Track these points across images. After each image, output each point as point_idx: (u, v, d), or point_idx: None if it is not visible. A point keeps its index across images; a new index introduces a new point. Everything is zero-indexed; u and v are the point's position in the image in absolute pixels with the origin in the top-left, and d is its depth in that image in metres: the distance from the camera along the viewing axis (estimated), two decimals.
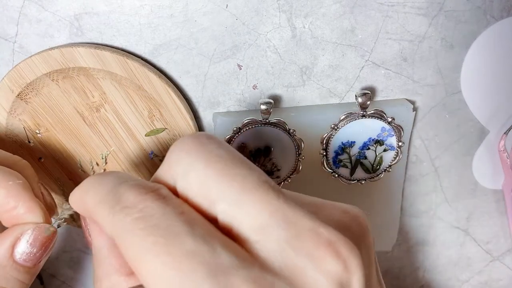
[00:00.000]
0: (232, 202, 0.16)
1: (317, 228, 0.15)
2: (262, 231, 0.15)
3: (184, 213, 0.16)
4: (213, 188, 0.16)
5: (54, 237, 0.23)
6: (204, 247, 0.15)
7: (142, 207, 0.15)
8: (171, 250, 0.14)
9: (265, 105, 0.28)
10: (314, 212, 0.17)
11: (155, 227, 0.15)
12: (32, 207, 0.23)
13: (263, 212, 0.15)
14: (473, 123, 0.32)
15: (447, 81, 0.31)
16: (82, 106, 0.29)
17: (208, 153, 0.16)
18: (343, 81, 0.30)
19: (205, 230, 0.15)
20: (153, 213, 0.15)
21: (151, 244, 0.15)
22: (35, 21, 0.27)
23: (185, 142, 0.17)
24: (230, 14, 0.27)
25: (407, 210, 0.36)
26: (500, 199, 0.36)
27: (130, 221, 0.15)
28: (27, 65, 0.27)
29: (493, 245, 0.38)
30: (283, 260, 0.15)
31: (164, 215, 0.15)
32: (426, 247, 0.37)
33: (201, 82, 0.29)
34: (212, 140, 0.17)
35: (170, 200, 0.16)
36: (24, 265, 0.22)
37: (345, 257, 0.15)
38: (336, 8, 0.27)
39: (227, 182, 0.16)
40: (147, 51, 0.28)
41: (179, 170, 0.17)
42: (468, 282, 0.39)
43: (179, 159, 0.17)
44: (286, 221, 0.15)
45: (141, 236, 0.15)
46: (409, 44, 0.29)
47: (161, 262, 0.14)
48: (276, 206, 0.15)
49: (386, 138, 0.31)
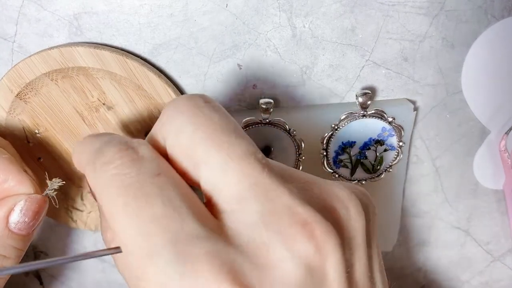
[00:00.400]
0: (215, 169, 0.15)
1: (295, 206, 0.15)
2: (239, 202, 0.15)
3: (160, 174, 0.15)
4: (199, 151, 0.16)
5: (45, 205, 0.24)
6: (172, 213, 0.14)
7: (119, 163, 0.15)
8: (138, 212, 0.14)
9: (265, 105, 0.28)
10: (303, 189, 0.16)
11: (128, 187, 0.15)
12: (22, 179, 0.24)
13: (243, 183, 0.15)
14: (474, 123, 0.32)
15: (448, 81, 0.30)
16: (81, 106, 0.29)
17: (201, 116, 0.16)
18: (344, 80, 0.30)
19: (179, 194, 0.15)
20: (128, 171, 0.15)
21: (122, 204, 0.15)
22: (34, 20, 0.27)
23: (180, 102, 0.17)
24: (230, 13, 0.27)
25: (407, 210, 0.36)
26: (501, 199, 0.35)
27: (107, 177, 0.15)
28: (26, 64, 0.27)
29: (494, 246, 0.38)
30: (252, 235, 0.14)
31: (139, 175, 0.15)
32: (427, 248, 0.37)
33: (201, 81, 0.29)
34: (208, 103, 0.17)
35: (149, 160, 0.16)
36: (18, 234, 0.24)
37: (318, 239, 0.15)
38: (336, 7, 0.27)
39: (214, 147, 0.15)
40: (147, 50, 0.28)
41: (170, 129, 0.17)
42: (469, 283, 0.39)
43: (172, 118, 0.17)
44: (264, 195, 0.15)
45: (114, 195, 0.15)
46: (409, 44, 0.29)
47: (129, 224, 0.14)
48: (257, 179, 0.15)
49: (387, 138, 0.31)
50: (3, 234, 0.23)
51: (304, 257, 0.14)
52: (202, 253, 0.14)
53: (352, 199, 0.17)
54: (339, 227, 0.16)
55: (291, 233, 0.14)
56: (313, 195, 0.16)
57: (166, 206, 0.15)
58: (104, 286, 0.38)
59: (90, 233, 0.35)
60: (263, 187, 0.15)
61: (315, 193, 0.17)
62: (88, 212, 0.32)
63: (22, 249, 0.24)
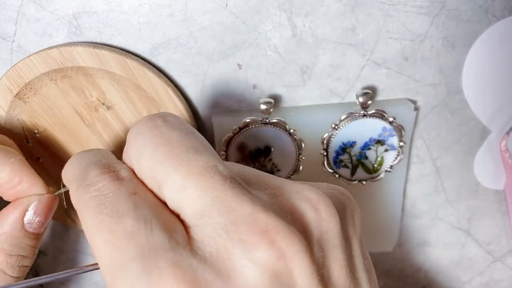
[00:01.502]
0: (176, 188, 0.16)
1: (256, 213, 0.15)
2: (202, 216, 0.15)
3: (136, 193, 0.16)
4: (160, 172, 0.16)
5: (56, 204, 0.26)
6: (142, 228, 0.15)
7: (100, 186, 0.16)
8: (113, 228, 0.15)
9: (265, 105, 0.28)
10: (273, 195, 0.17)
11: (105, 205, 0.16)
12: (35, 181, 0.25)
13: (204, 198, 0.15)
14: (474, 122, 0.32)
15: (448, 81, 0.30)
16: (80, 106, 0.29)
17: (159, 136, 0.17)
18: (344, 80, 0.30)
19: (151, 211, 0.16)
20: (107, 192, 0.16)
21: (99, 221, 0.16)
22: (34, 20, 0.27)
23: (140, 123, 0.18)
24: (230, 13, 0.27)
25: (408, 211, 0.35)
26: (502, 200, 0.35)
27: (87, 198, 0.16)
28: (25, 64, 0.27)
29: (495, 246, 0.37)
30: (216, 246, 0.15)
31: (116, 195, 0.16)
32: (427, 248, 0.37)
33: (201, 81, 0.29)
34: (167, 122, 0.17)
35: (127, 181, 0.17)
36: (33, 233, 0.25)
37: (280, 244, 0.14)
38: (336, 7, 0.27)
39: (173, 166, 0.16)
40: (146, 50, 0.28)
41: (133, 152, 0.17)
42: (470, 283, 0.39)
43: (134, 141, 0.17)
44: (226, 206, 0.15)
45: (92, 212, 0.16)
46: (410, 43, 0.29)
47: (104, 239, 0.15)
48: (219, 191, 0.15)
49: (387, 138, 0.30)
50: (20, 235, 0.24)
51: (267, 264, 0.14)
52: (166, 265, 0.14)
53: (322, 200, 0.17)
54: (306, 230, 0.16)
55: (252, 241, 0.14)
56: (283, 201, 0.16)
57: (138, 222, 0.15)
58: (102, 286, 0.38)
59: None
60: (225, 198, 0.15)
61: (285, 199, 0.17)
62: None
63: (37, 247, 0.25)
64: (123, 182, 0.17)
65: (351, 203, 0.19)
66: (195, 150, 0.16)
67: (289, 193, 0.17)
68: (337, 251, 0.16)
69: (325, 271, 0.16)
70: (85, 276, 0.37)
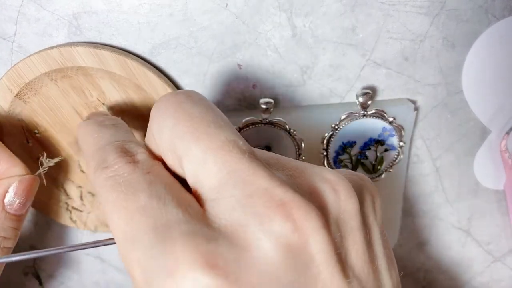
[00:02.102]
0: (195, 161, 0.16)
1: (272, 188, 0.15)
2: (218, 190, 0.15)
3: (150, 172, 0.17)
4: (180, 146, 0.16)
5: (37, 185, 0.26)
6: (155, 203, 0.15)
7: (116, 168, 0.17)
8: (127, 204, 0.16)
9: (265, 105, 0.28)
10: (292, 176, 0.17)
11: (120, 184, 0.16)
12: (14, 162, 0.25)
13: (222, 171, 0.15)
14: (474, 123, 0.32)
15: (448, 81, 0.30)
16: (81, 106, 0.29)
17: (181, 112, 0.17)
18: (344, 80, 0.30)
19: (165, 187, 0.16)
20: (123, 172, 0.17)
21: (114, 198, 0.16)
22: (34, 20, 0.27)
23: (163, 99, 0.18)
24: (230, 13, 0.27)
25: (408, 211, 0.35)
26: (502, 200, 0.35)
27: (104, 178, 0.17)
28: (25, 64, 0.27)
29: (495, 246, 0.37)
30: (230, 218, 0.15)
31: (131, 175, 0.17)
32: (427, 248, 0.37)
33: (201, 81, 0.29)
34: (190, 98, 0.18)
35: (142, 161, 0.17)
36: (15, 214, 0.25)
37: (296, 218, 0.14)
38: (336, 7, 0.27)
39: (193, 141, 0.16)
40: (146, 50, 0.28)
41: (155, 126, 0.18)
42: (470, 283, 0.39)
43: (156, 116, 0.18)
44: (243, 180, 0.15)
45: (109, 191, 0.16)
46: (410, 43, 0.29)
47: (118, 214, 0.16)
48: (237, 165, 0.15)
49: (387, 138, 0.30)
50: (1, 216, 0.24)
51: (282, 237, 0.14)
52: (180, 235, 0.14)
53: (341, 182, 0.16)
54: (324, 209, 0.16)
55: (267, 213, 0.14)
56: (302, 181, 0.16)
57: (152, 198, 0.16)
58: (103, 286, 0.38)
59: (90, 233, 0.35)
60: (242, 172, 0.15)
61: (304, 179, 0.17)
62: (87, 212, 0.32)
63: (19, 229, 0.26)
64: (139, 164, 0.17)
65: (372, 188, 0.18)
66: (216, 125, 0.16)
67: (309, 174, 0.17)
68: (356, 233, 0.16)
69: (342, 251, 0.16)
70: (86, 274, 0.37)
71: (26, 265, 0.37)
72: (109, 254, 0.36)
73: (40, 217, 0.34)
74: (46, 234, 0.35)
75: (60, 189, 0.32)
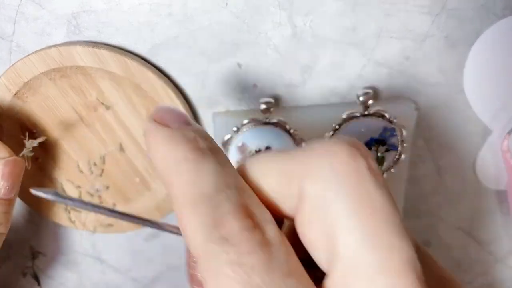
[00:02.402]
0: (362, 277, 0.12)
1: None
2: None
3: (291, 275, 0.12)
4: (344, 244, 0.12)
5: (22, 167, 0.25)
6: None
7: (244, 251, 0.12)
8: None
9: (265, 105, 0.28)
10: None
11: (249, 283, 0.12)
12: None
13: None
14: (476, 123, 0.32)
15: (449, 80, 0.30)
16: (79, 106, 0.29)
17: (365, 195, 0.13)
18: (345, 80, 0.30)
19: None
20: (253, 262, 0.12)
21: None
22: (32, 19, 0.27)
23: (339, 156, 0.13)
24: (229, 12, 0.27)
25: (409, 211, 0.35)
26: (503, 200, 0.35)
27: (225, 262, 0.12)
28: (24, 64, 0.26)
29: (496, 247, 0.37)
30: None
31: (268, 276, 0.12)
32: (429, 248, 0.37)
33: (201, 81, 0.29)
34: (371, 171, 0.13)
35: (277, 250, 0.13)
36: (4, 199, 0.25)
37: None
38: (337, 6, 0.27)
39: (371, 250, 0.12)
40: (146, 49, 0.28)
41: (314, 189, 0.13)
42: (471, 284, 0.39)
43: (319, 176, 0.13)
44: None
45: (227, 284, 0.12)
46: (411, 43, 0.29)
47: None
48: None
49: (388, 138, 0.30)
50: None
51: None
52: None
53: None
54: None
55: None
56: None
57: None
58: (101, 287, 0.38)
59: (88, 234, 0.35)
60: None
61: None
62: (86, 212, 0.32)
63: (10, 214, 0.26)
64: (273, 249, 0.12)
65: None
66: (400, 236, 0.12)
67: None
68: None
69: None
70: (84, 275, 0.37)
71: (24, 266, 0.36)
72: (108, 255, 0.36)
73: (39, 218, 0.34)
74: (45, 234, 0.35)
75: (59, 189, 0.31)
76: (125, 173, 0.31)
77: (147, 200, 0.32)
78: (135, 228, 0.33)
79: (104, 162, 0.31)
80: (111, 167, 0.31)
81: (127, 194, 0.32)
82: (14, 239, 0.35)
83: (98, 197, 0.32)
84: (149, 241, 0.35)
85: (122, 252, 0.36)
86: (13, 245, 0.36)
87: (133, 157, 0.30)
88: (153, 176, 0.31)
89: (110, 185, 0.31)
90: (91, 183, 0.31)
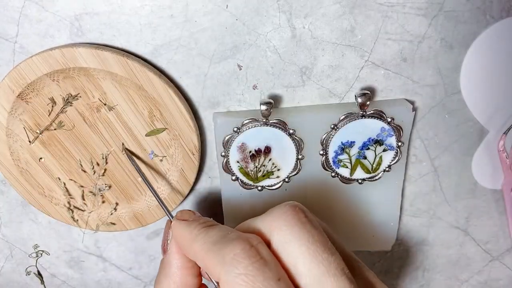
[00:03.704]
0: (315, 282, 0.19)
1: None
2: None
3: (280, 280, 0.19)
4: (302, 264, 0.20)
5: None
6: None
7: (247, 264, 0.19)
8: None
9: (265, 105, 0.28)
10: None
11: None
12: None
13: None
14: (472, 123, 0.32)
15: (446, 81, 0.31)
16: (82, 106, 0.29)
17: (306, 233, 0.20)
18: (343, 81, 0.30)
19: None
20: (256, 274, 0.19)
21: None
22: (36, 21, 0.27)
23: (285, 213, 0.21)
24: (230, 14, 0.27)
25: (406, 210, 0.36)
26: (500, 199, 0.36)
27: (236, 274, 0.19)
28: (27, 65, 0.27)
29: (493, 245, 0.38)
30: None
31: (265, 280, 0.19)
32: (426, 247, 0.38)
33: (201, 82, 0.29)
34: (308, 218, 0.21)
35: (270, 263, 0.19)
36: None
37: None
38: (335, 8, 0.27)
39: (316, 264, 0.20)
40: (147, 51, 0.28)
41: (278, 237, 0.21)
42: (468, 282, 0.39)
43: (278, 227, 0.21)
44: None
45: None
46: (408, 44, 0.29)
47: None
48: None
49: (386, 138, 0.31)
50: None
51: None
52: None
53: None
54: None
55: None
56: None
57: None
58: (104, 285, 0.38)
59: (91, 232, 0.35)
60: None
61: None
62: (89, 211, 0.33)
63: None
64: (267, 265, 0.19)
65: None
66: (330, 251, 0.20)
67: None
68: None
69: None
70: (87, 273, 0.37)
71: (28, 264, 0.37)
72: (110, 253, 0.36)
73: (42, 216, 0.35)
74: (49, 233, 0.35)
75: (62, 188, 0.32)
76: (127, 173, 0.31)
77: (149, 199, 0.32)
78: (136, 227, 0.33)
79: (106, 162, 0.31)
80: (113, 167, 0.31)
81: (129, 194, 0.32)
82: (18, 238, 0.36)
83: (100, 196, 0.32)
84: (151, 239, 0.36)
85: (124, 250, 0.36)
86: (17, 243, 0.36)
87: (135, 157, 0.31)
88: (155, 175, 0.32)
89: (113, 184, 0.32)
90: (93, 183, 0.32)
